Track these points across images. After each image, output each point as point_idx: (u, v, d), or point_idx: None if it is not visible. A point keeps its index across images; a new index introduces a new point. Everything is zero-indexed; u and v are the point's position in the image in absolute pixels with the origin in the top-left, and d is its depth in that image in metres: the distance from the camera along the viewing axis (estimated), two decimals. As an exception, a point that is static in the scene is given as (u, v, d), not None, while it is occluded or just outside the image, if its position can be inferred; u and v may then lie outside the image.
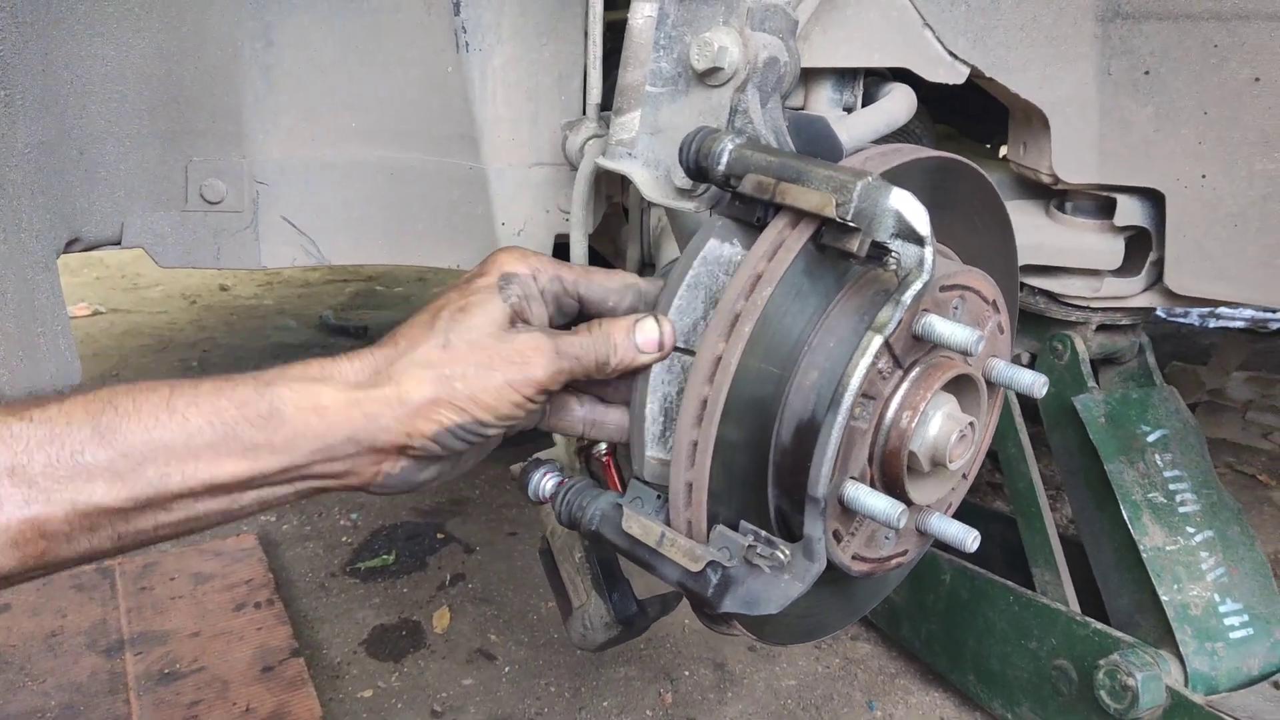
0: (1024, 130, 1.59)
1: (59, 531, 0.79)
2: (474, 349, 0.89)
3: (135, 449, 0.81)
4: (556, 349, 0.91)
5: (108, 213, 1.43)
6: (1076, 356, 1.68)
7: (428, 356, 0.89)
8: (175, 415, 0.82)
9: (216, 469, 0.83)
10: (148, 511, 0.83)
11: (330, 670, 2.01)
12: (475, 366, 0.88)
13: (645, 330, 0.95)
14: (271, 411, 0.85)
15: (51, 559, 0.80)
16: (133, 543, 0.85)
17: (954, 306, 1.00)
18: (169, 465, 0.82)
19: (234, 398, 0.84)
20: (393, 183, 1.52)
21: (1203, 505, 1.65)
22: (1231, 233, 1.45)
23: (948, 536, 1.01)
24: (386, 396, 0.87)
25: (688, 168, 1.00)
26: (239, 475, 0.84)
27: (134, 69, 1.37)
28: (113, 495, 0.80)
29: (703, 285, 0.99)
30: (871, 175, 0.88)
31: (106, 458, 0.80)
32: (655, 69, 1.13)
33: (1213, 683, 1.53)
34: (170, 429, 0.82)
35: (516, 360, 0.89)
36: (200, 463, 0.83)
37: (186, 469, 0.82)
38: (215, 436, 0.83)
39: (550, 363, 0.90)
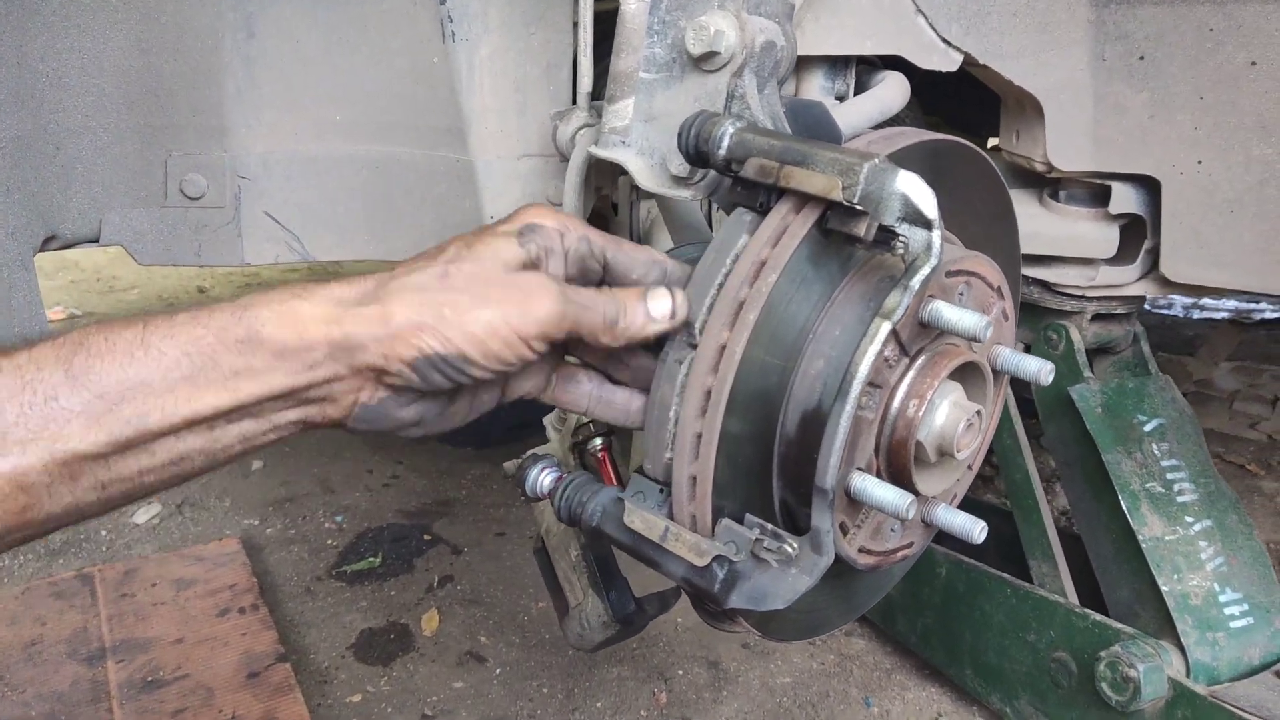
0: (1017, 118, 1.57)
1: (38, 483, 0.75)
2: (472, 280, 0.84)
3: (110, 389, 0.76)
4: (561, 292, 0.85)
5: (85, 209, 1.39)
6: (1072, 346, 1.67)
7: (420, 281, 0.84)
8: (150, 350, 0.78)
9: (197, 402, 0.79)
10: (129, 455, 0.78)
11: (318, 675, 1.98)
12: (469, 296, 0.83)
13: (658, 298, 0.91)
14: (249, 334, 0.80)
15: (34, 516, 0.76)
16: (119, 493, 0.80)
17: (959, 292, 0.98)
18: (147, 403, 0.77)
19: (210, 325, 0.80)
20: (378, 176, 1.49)
21: (1200, 494, 1.64)
22: (1228, 219, 1.44)
23: (954, 528, 0.99)
24: (369, 315, 0.82)
25: (687, 153, 0.98)
26: (220, 406, 0.80)
27: (111, 62, 1.34)
28: (90, 440, 0.76)
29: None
30: (878, 157, 0.86)
31: (81, 401, 0.76)
32: (649, 55, 1.11)
33: (1214, 673, 1.52)
34: (146, 365, 0.78)
35: (516, 297, 0.84)
36: (178, 397, 0.78)
37: (166, 405, 0.78)
38: (193, 368, 0.79)
39: (553, 305, 0.84)
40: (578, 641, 1.39)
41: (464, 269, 0.84)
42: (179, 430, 0.79)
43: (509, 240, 0.87)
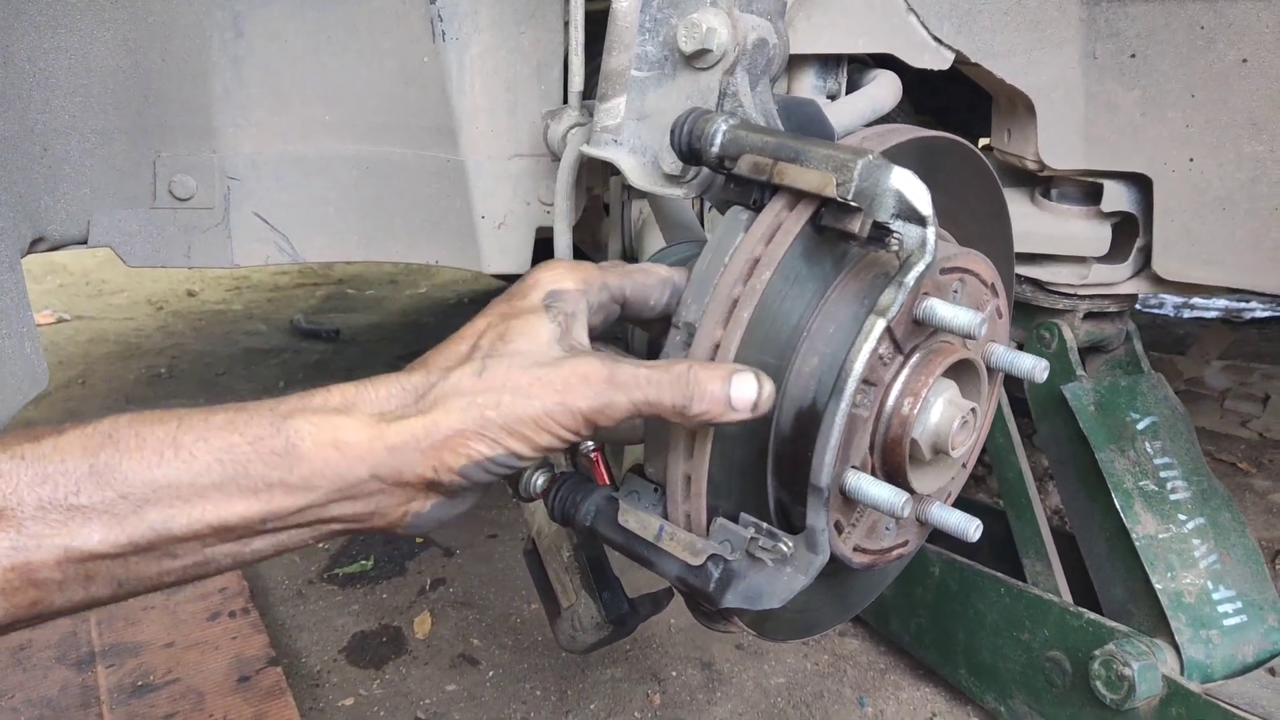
0: (1008, 117, 1.57)
1: (50, 580, 0.72)
2: (512, 374, 0.80)
3: (135, 490, 0.73)
4: (611, 379, 0.80)
5: (73, 211, 1.39)
6: (1065, 345, 1.67)
7: (460, 384, 0.80)
8: (181, 452, 0.74)
9: (225, 510, 0.76)
10: (150, 557, 0.75)
11: (309, 679, 1.97)
12: (511, 394, 0.79)
13: (743, 386, 0.82)
14: (288, 447, 0.76)
15: (44, 609, 0.73)
16: (135, 589, 0.77)
17: (954, 290, 0.98)
18: (173, 507, 0.74)
19: (247, 432, 0.76)
20: (368, 177, 1.48)
21: (1193, 492, 1.64)
22: (1219, 216, 1.44)
23: (949, 526, 0.99)
24: (413, 428, 0.78)
25: (679, 150, 0.97)
26: (250, 516, 0.76)
27: (99, 62, 1.33)
28: (110, 541, 0.73)
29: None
30: (872, 153, 0.86)
31: (103, 499, 0.72)
32: (641, 53, 1.11)
33: (1208, 670, 1.52)
34: (175, 467, 0.74)
35: (559, 387, 0.79)
36: (207, 504, 0.75)
37: (193, 511, 0.74)
38: (224, 475, 0.75)
39: (598, 394, 0.80)
40: (569, 643, 1.38)
41: (501, 364, 0.81)
42: (205, 537, 0.76)
43: (540, 318, 0.84)
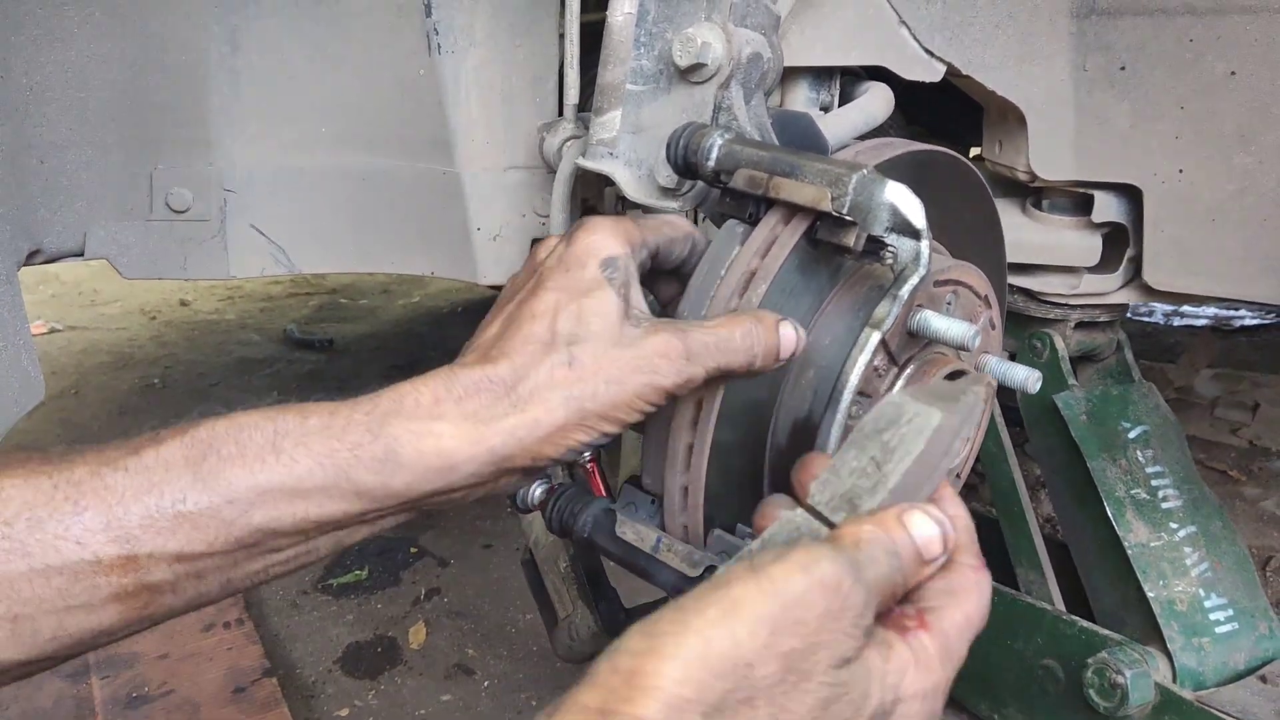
0: (999, 128, 1.58)
1: (162, 583, 0.75)
2: (601, 362, 0.81)
3: (241, 494, 0.76)
4: (687, 353, 0.82)
5: (70, 223, 1.39)
6: (1056, 354, 1.68)
7: (553, 377, 0.81)
8: (282, 457, 0.77)
9: (330, 508, 0.78)
10: (256, 553, 0.78)
11: (304, 690, 1.97)
12: (606, 383, 0.80)
13: (788, 334, 0.86)
14: (387, 454, 0.78)
15: (156, 610, 0.77)
16: (243, 584, 0.81)
17: (947, 302, 0.99)
18: (278, 509, 0.77)
19: (345, 439, 0.78)
20: (364, 189, 1.49)
21: (1184, 500, 1.65)
22: (1209, 227, 1.45)
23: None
24: (514, 427, 0.79)
25: (675, 164, 0.98)
26: (353, 513, 0.79)
27: (96, 75, 1.33)
28: (220, 543, 0.76)
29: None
30: (866, 168, 0.87)
31: (210, 504, 0.75)
32: (636, 67, 1.11)
33: (1200, 678, 1.53)
34: (278, 472, 0.76)
35: (645, 369, 0.81)
36: (310, 504, 0.77)
37: (297, 511, 0.77)
38: (326, 480, 0.77)
39: (680, 370, 0.81)
40: (566, 653, 1.38)
41: (587, 350, 0.81)
42: (308, 532, 0.79)
43: (607, 293, 0.84)
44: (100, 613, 0.74)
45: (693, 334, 0.83)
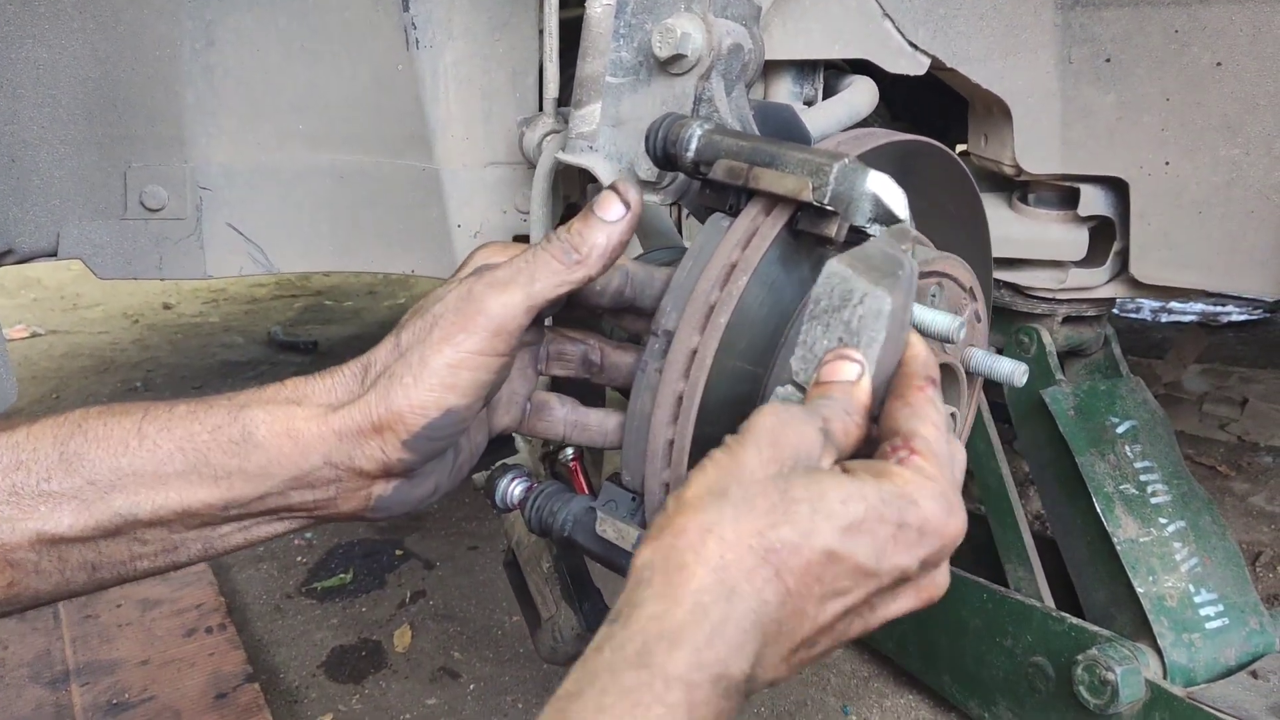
0: (985, 122, 1.57)
1: (25, 561, 0.77)
2: (418, 332, 0.81)
3: (102, 476, 0.77)
4: (507, 282, 0.81)
5: (43, 223, 1.37)
6: (1044, 349, 1.67)
7: (385, 362, 0.82)
8: (145, 441, 0.78)
9: (188, 496, 0.79)
10: (119, 542, 0.79)
11: (288, 695, 1.95)
12: (421, 352, 0.80)
13: (605, 201, 0.85)
14: (244, 436, 0.79)
15: (22, 591, 0.78)
16: (111, 576, 0.81)
17: (931, 294, 0.97)
18: (138, 494, 0.78)
19: (206, 421, 0.80)
20: (343, 187, 1.47)
21: (1174, 496, 1.64)
22: (1196, 220, 1.44)
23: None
24: (354, 413, 0.80)
25: (654, 155, 0.97)
26: (212, 502, 0.80)
27: (67, 71, 1.31)
28: (81, 525, 0.77)
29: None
30: (848, 157, 0.85)
31: (72, 485, 0.77)
32: (615, 59, 1.10)
33: (1191, 674, 1.52)
34: (140, 456, 0.78)
35: (463, 314, 0.80)
36: (170, 490, 0.78)
37: (156, 498, 0.78)
38: (186, 464, 0.79)
39: (500, 294, 0.81)
40: (550, 655, 1.36)
41: (411, 325, 0.82)
42: (170, 523, 0.80)
43: (451, 282, 0.85)
44: None
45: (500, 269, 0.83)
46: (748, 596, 0.64)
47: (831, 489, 0.68)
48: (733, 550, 0.64)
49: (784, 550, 0.65)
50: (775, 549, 0.65)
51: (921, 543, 0.71)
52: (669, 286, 0.92)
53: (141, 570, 0.82)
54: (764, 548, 0.65)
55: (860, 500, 0.68)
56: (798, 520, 0.66)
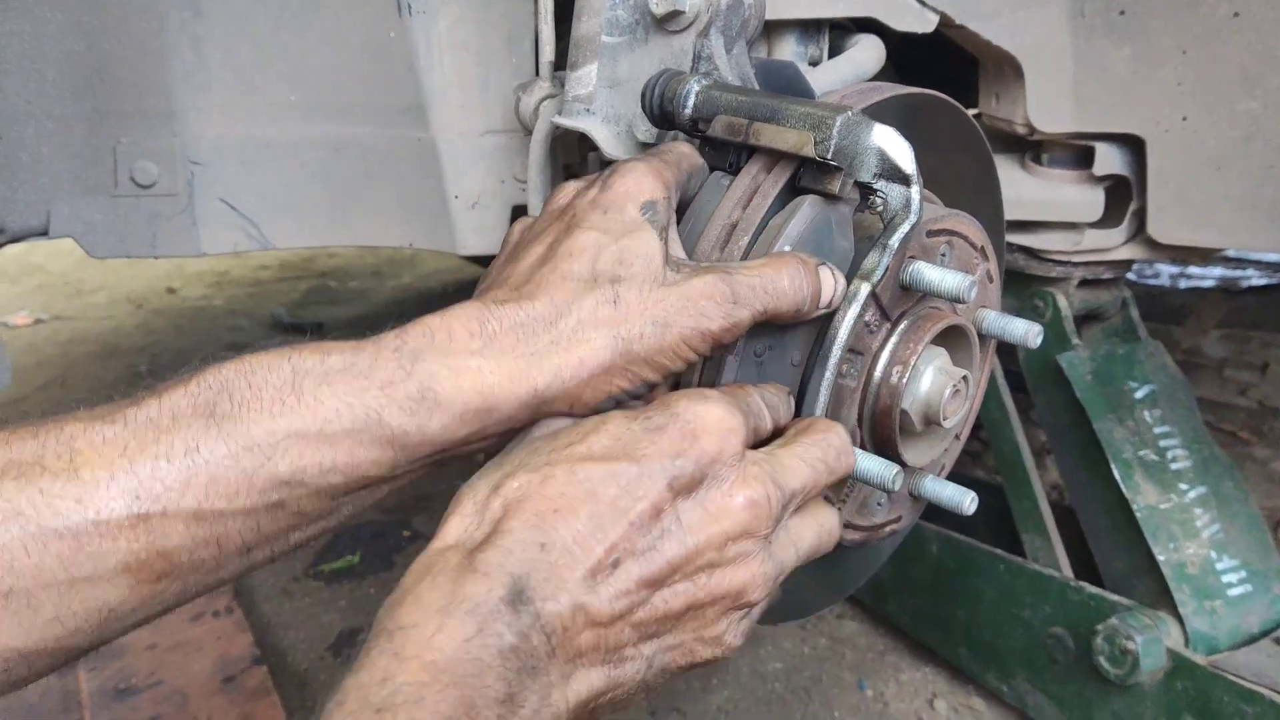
0: (995, 81, 1.53)
1: (178, 549, 0.67)
2: (646, 303, 0.75)
3: (261, 440, 0.68)
4: (734, 295, 0.76)
5: (33, 201, 1.34)
6: (1059, 314, 1.63)
7: (597, 315, 0.75)
8: (304, 398, 0.69)
9: (358, 457, 0.70)
10: (281, 517, 0.71)
11: (296, 678, 1.93)
12: (652, 325, 0.75)
13: (827, 279, 0.81)
14: (423, 393, 0.71)
15: (170, 587, 0.68)
16: (263, 556, 0.73)
17: (941, 253, 0.94)
18: (304, 456, 0.68)
19: (374, 375, 0.71)
20: (338, 158, 1.43)
21: (1194, 461, 1.60)
22: (1214, 176, 1.40)
23: (943, 499, 0.95)
24: (559, 369, 0.73)
25: (651, 113, 0.93)
26: (382, 463, 0.71)
27: (52, 45, 1.28)
28: (242, 498, 0.68)
29: None
30: (851, 110, 0.81)
31: (227, 452, 0.67)
32: (611, 17, 1.06)
33: (1213, 642, 1.48)
34: (301, 415, 0.68)
35: (692, 311, 0.75)
36: (339, 451, 0.69)
37: (324, 459, 0.69)
38: (355, 422, 0.69)
39: (726, 314, 0.76)
40: None
41: (633, 290, 0.75)
42: (335, 487, 0.71)
43: (649, 235, 0.78)
44: (109, 586, 0.65)
45: (738, 277, 0.77)
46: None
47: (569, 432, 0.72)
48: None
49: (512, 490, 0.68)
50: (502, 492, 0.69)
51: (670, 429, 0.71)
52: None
53: (295, 542, 0.74)
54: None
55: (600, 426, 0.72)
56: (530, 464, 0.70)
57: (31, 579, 0.63)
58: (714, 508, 0.70)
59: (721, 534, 0.70)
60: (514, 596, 0.63)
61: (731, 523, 0.70)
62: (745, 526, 0.71)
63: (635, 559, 0.67)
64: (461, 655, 0.60)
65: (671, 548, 0.69)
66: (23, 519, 0.62)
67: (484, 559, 0.64)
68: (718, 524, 0.70)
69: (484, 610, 0.62)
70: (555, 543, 0.65)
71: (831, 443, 0.78)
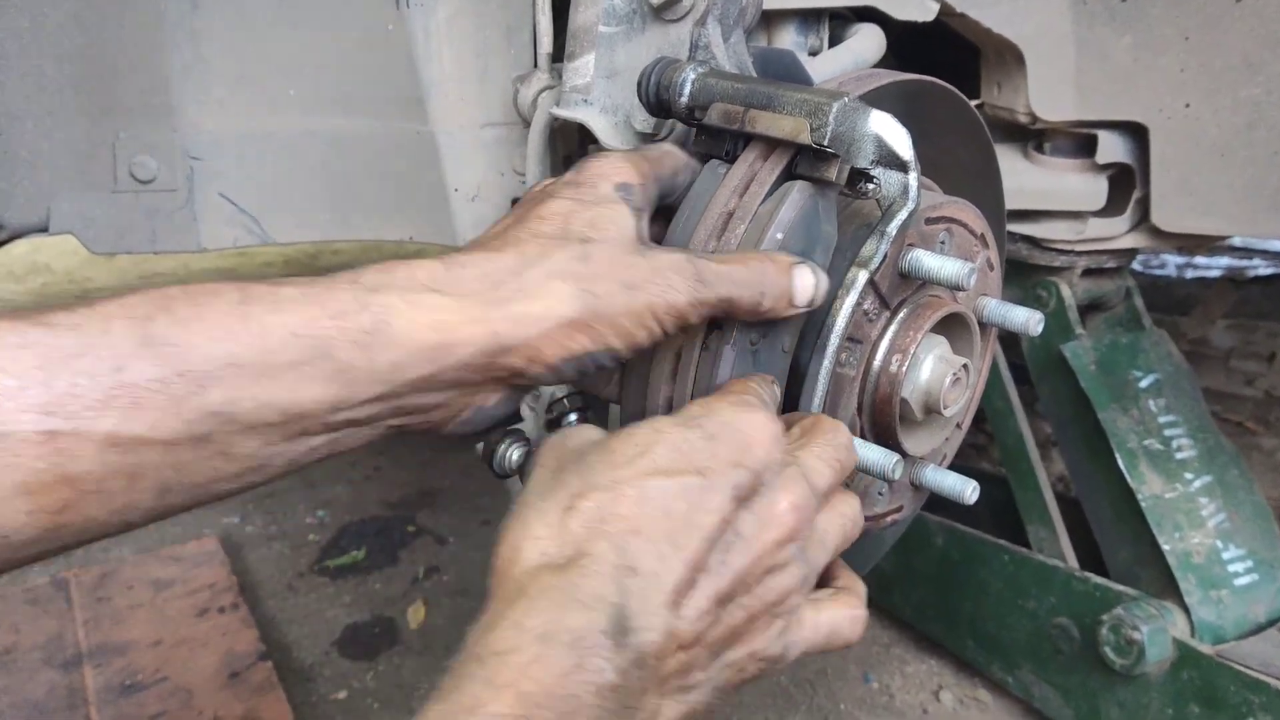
0: (997, 70, 1.52)
1: (88, 475, 0.60)
2: (616, 264, 0.74)
3: (197, 365, 0.62)
4: (699, 275, 0.75)
5: (33, 196, 1.34)
6: (1063, 303, 1.62)
7: (567, 268, 0.73)
8: (250, 324, 0.64)
9: (300, 394, 0.66)
10: (205, 454, 0.64)
11: (301, 673, 1.93)
12: (620, 285, 0.73)
13: (803, 278, 0.79)
14: (376, 325, 0.68)
15: (73, 519, 0.61)
16: (180, 501, 0.66)
17: (940, 241, 0.93)
18: (239, 389, 0.63)
19: (328, 306, 0.67)
20: (337, 152, 1.43)
21: (1199, 450, 1.59)
22: (1217, 163, 1.40)
23: (944, 488, 0.94)
24: (521, 314, 0.71)
25: (647, 102, 0.93)
26: (323, 402, 0.67)
27: (50, 40, 1.28)
28: (165, 426, 0.61)
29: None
30: (848, 96, 0.81)
31: (158, 375, 0.61)
32: (608, 7, 1.06)
33: (1219, 632, 1.48)
34: (244, 341, 0.64)
35: (660, 282, 0.74)
36: (279, 385, 0.65)
37: (260, 393, 0.64)
38: (301, 355, 0.65)
39: (693, 290, 0.75)
40: None
41: (603, 250, 0.74)
42: (269, 428, 0.66)
43: (623, 209, 0.78)
44: (4, 507, 0.58)
45: (701, 260, 0.77)
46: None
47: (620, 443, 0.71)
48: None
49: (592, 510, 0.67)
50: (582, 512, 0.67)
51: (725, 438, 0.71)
52: (664, 238, 0.88)
53: (215, 493, 0.68)
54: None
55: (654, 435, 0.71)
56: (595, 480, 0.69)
57: None
58: (765, 515, 0.70)
59: (774, 542, 0.71)
60: (616, 629, 0.62)
61: (780, 529, 0.71)
62: (791, 531, 0.71)
63: (709, 576, 0.67)
64: (558, 689, 0.58)
65: (737, 560, 0.69)
66: None
67: (582, 586, 0.63)
68: (770, 531, 0.70)
69: (586, 644, 0.60)
70: (641, 567, 0.64)
71: (841, 441, 0.79)
